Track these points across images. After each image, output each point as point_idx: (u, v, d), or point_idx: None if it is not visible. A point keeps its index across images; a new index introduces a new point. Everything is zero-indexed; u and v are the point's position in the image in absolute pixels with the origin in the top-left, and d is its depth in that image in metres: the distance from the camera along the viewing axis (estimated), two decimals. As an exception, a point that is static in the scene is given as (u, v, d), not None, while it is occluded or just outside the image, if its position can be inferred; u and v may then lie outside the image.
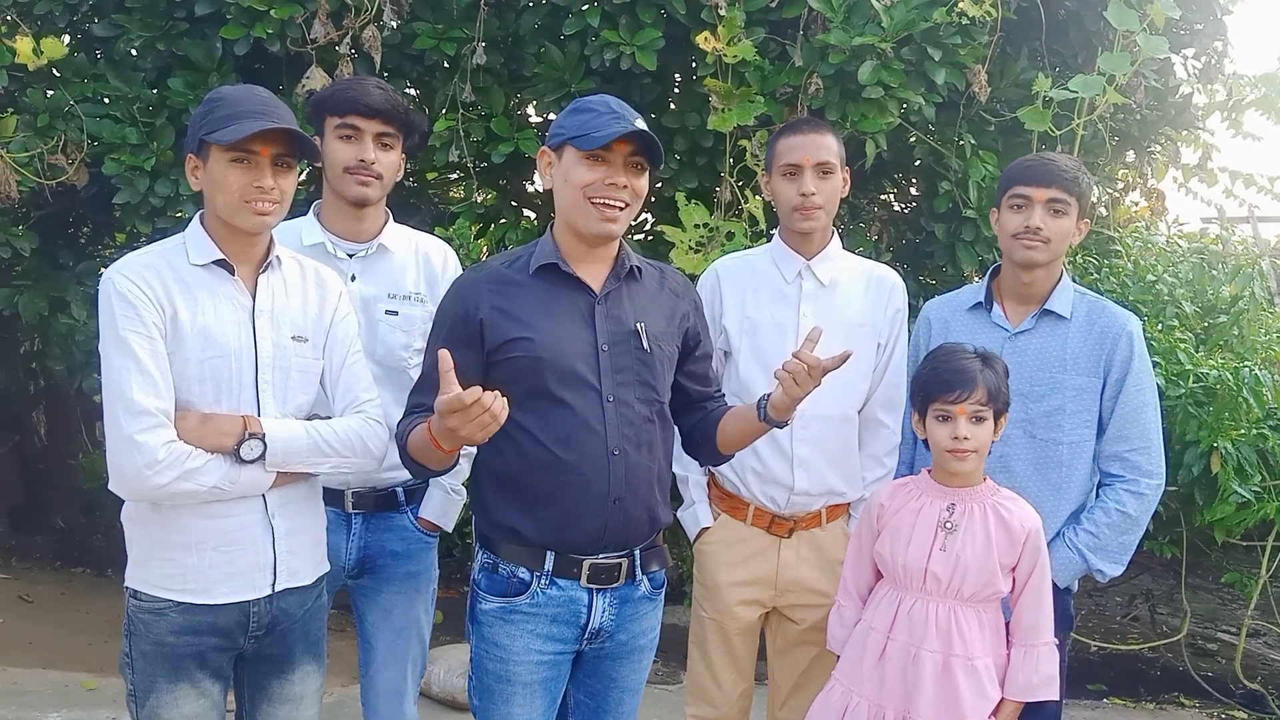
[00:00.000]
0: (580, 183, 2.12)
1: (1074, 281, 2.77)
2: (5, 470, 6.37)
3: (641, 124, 2.12)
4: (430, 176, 5.32)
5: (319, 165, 2.62)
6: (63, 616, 5.00)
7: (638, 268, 2.26)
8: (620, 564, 2.22)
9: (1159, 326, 4.20)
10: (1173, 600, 5.34)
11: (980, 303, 2.75)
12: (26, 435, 6.58)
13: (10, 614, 5.01)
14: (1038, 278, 2.67)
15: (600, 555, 2.19)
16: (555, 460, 2.13)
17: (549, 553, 2.18)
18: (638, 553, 2.25)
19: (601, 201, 2.12)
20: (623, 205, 2.14)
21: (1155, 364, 3.79)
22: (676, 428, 2.41)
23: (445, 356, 1.92)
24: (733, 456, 2.44)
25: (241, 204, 2.05)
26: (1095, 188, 2.75)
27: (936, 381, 2.38)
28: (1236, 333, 4.39)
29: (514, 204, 5.09)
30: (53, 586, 5.47)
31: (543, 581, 2.18)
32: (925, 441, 2.46)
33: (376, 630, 2.74)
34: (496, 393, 1.88)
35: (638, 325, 2.20)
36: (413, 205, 4.97)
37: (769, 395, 2.16)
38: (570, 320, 2.17)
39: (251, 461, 2.03)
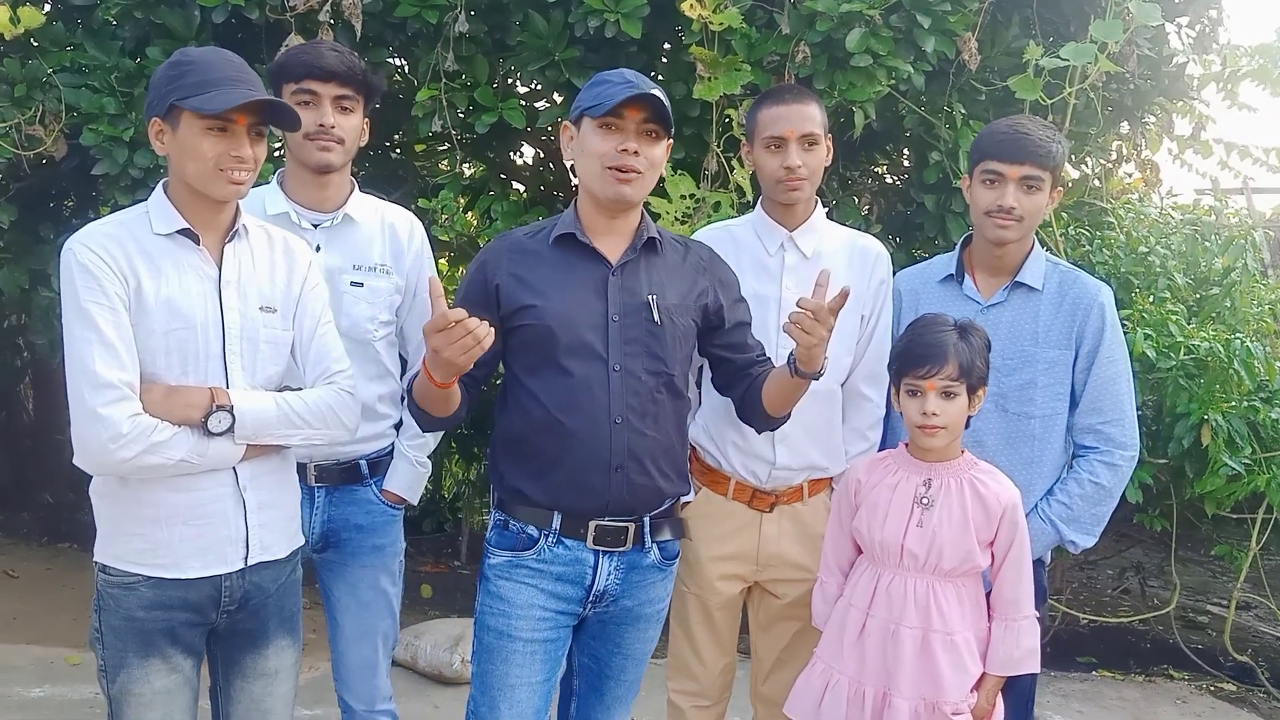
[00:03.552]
0: (596, 151, 2.18)
1: (1048, 252, 2.73)
2: (-8, 445, 6.34)
3: (657, 91, 2.15)
4: (418, 148, 5.26)
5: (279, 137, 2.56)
6: (48, 592, 4.98)
7: (658, 240, 2.29)
8: (627, 528, 2.26)
9: (1151, 298, 4.16)
10: (1163, 573, 5.35)
11: (951, 274, 2.71)
12: (13, 410, 6.54)
13: (-5, 590, 4.99)
14: (1009, 251, 2.63)
15: (607, 518, 2.23)
16: (558, 425, 2.19)
17: (556, 513, 2.23)
18: (647, 519, 2.28)
19: (616, 168, 2.17)
20: (638, 172, 2.18)
21: (1146, 336, 3.77)
22: (730, 399, 2.45)
23: (435, 282, 2.00)
24: (788, 418, 2.42)
25: (216, 172, 2.00)
26: (1069, 151, 2.69)
27: (908, 355, 2.34)
28: (1229, 304, 4.36)
29: (502, 176, 5.03)
30: (39, 562, 5.45)
31: (550, 539, 2.24)
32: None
33: (344, 605, 2.70)
34: (485, 322, 1.95)
35: (650, 297, 2.24)
36: (400, 178, 4.92)
37: (795, 350, 2.17)
38: (583, 290, 2.22)
39: (220, 434, 2.00)
